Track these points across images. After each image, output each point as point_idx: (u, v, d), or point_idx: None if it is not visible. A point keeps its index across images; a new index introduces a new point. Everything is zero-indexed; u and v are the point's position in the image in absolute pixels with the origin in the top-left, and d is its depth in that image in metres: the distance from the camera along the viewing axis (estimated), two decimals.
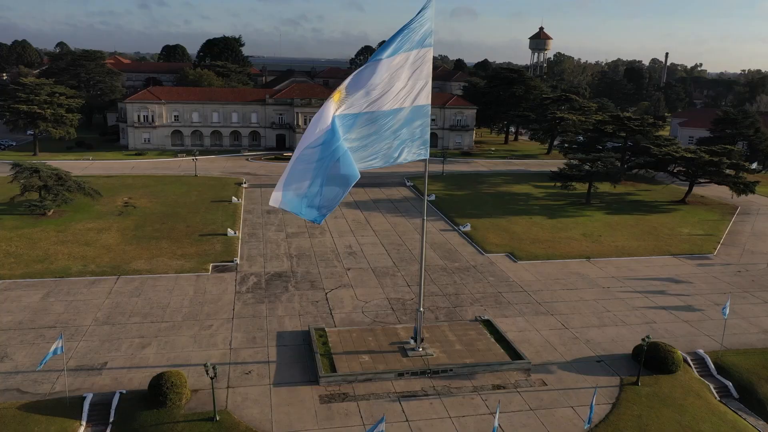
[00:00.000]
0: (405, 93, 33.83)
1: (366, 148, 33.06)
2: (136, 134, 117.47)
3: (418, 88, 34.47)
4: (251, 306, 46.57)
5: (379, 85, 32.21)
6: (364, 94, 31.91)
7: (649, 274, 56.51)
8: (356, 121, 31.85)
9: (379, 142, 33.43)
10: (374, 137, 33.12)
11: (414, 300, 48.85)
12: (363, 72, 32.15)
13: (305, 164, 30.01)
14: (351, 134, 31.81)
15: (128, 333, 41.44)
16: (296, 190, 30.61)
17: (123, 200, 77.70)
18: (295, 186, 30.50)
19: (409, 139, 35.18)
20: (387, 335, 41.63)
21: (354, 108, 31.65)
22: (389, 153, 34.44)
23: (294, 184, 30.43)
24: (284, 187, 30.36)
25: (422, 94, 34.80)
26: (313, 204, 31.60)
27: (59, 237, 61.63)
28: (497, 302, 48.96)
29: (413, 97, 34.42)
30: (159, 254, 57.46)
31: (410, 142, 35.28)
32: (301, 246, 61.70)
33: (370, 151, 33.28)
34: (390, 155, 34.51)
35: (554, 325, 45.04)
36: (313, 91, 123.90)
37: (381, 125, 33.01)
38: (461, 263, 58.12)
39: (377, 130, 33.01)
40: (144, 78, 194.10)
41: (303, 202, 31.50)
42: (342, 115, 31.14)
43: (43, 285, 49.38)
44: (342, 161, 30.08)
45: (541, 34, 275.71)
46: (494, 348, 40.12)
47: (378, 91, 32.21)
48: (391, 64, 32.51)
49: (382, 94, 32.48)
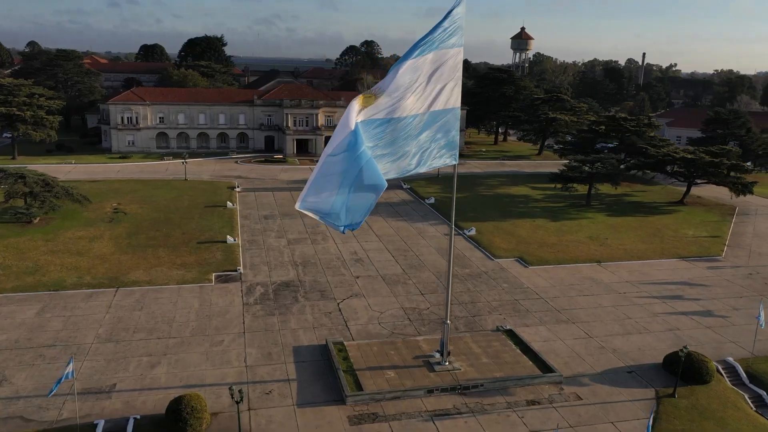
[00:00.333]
0: (433, 96, 32.10)
1: (392, 155, 31.13)
2: (119, 137, 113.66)
3: (448, 91, 32.78)
4: (262, 319, 44.35)
5: (405, 88, 30.39)
6: (389, 98, 30.11)
7: (663, 278, 55.65)
8: (381, 127, 29.96)
9: (405, 147, 31.57)
10: (401, 143, 31.26)
11: (430, 309, 47.16)
12: (390, 74, 30.36)
13: (328, 175, 28.07)
14: (375, 141, 29.90)
15: (135, 351, 38.94)
16: (321, 201, 28.73)
17: (112, 206, 74.55)
18: (319, 196, 28.61)
19: (438, 143, 33.48)
20: (409, 348, 39.82)
21: (379, 113, 29.77)
22: (418, 159, 32.69)
23: (319, 194, 28.53)
24: (309, 196, 28.47)
25: (452, 97, 33.13)
26: (339, 216, 29.76)
27: (49, 246, 58.51)
28: (515, 310, 47.50)
29: (443, 100, 32.73)
30: (157, 264, 54.79)
31: (440, 147, 33.59)
32: (305, 253, 59.52)
33: (396, 157, 31.40)
34: (419, 161, 32.77)
35: (577, 333, 43.72)
36: (302, 91, 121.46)
37: (407, 130, 31.17)
38: (472, 269, 56.58)
39: (403, 135, 31.14)
40: (122, 78, 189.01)
41: (330, 213, 29.68)
42: (367, 120, 29.24)
43: (36, 299, 46.48)
44: (366, 170, 28.06)
45: (522, 34, 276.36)
46: (522, 360, 38.59)
47: (402, 94, 30.36)
48: (416, 66, 30.69)
49: (408, 98, 30.66)
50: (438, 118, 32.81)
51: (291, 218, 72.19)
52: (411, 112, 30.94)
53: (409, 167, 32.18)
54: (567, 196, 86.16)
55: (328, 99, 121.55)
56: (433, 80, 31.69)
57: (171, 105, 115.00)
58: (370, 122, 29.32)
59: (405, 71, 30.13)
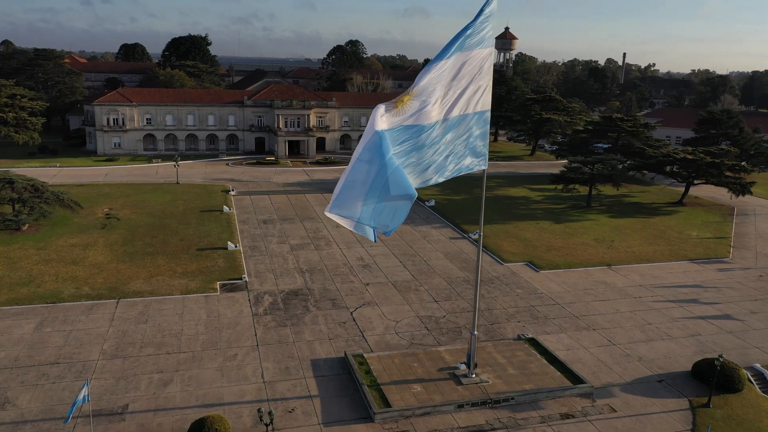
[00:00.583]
0: (460, 99, 30.69)
1: (417, 164, 29.54)
2: (105, 138, 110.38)
3: (479, 93, 31.39)
4: (274, 330, 42.52)
5: (431, 93, 28.92)
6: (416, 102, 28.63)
7: (675, 281, 54.99)
8: (406, 134, 28.39)
9: (431, 156, 30.04)
10: (426, 151, 29.71)
11: (446, 317, 45.76)
12: (418, 77, 28.88)
13: (357, 181, 26.57)
14: (401, 148, 28.35)
15: (144, 367, 36.87)
16: (351, 208, 27.27)
17: (103, 211, 71.90)
18: (348, 203, 27.14)
19: (468, 148, 32.09)
20: (432, 360, 38.37)
21: (406, 119, 28.24)
22: (448, 165, 31.25)
23: (348, 200, 27.08)
24: (339, 202, 27.03)
25: (482, 99, 31.73)
26: (369, 224, 28.33)
27: (41, 255, 55.88)
28: (533, 317, 46.33)
29: (474, 103, 31.33)
30: (157, 272, 52.57)
31: (470, 152, 32.21)
32: (310, 259, 57.72)
33: (425, 165, 29.86)
34: (448, 167, 31.34)
35: (600, 341, 42.67)
36: (293, 92, 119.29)
37: (433, 138, 29.68)
38: (483, 274, 55.28)
39: (429, 143, 29.64)
40: (103, 78, 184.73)
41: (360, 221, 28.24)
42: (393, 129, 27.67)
43: (33, 312, 44.05)
44: (393, 180, 26.45)
45: (507, 34, 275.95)
46: (549, 371, 37.38)
47: (428, 99, 28.88)
48: (444, 68, 29.21)
49: (434, 103, 29.18)
50: (465, 122, 31.41)
51: (290, 222, 70.28)
52: (437, 119, 29.48)
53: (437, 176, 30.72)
54: (567, 197, 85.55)
55: (319, 99, 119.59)
56: (462, 83, 30.26)
57: (158, 106, 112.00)
58: (396, 130, 27.81)
59: (433, 74, 28.72)
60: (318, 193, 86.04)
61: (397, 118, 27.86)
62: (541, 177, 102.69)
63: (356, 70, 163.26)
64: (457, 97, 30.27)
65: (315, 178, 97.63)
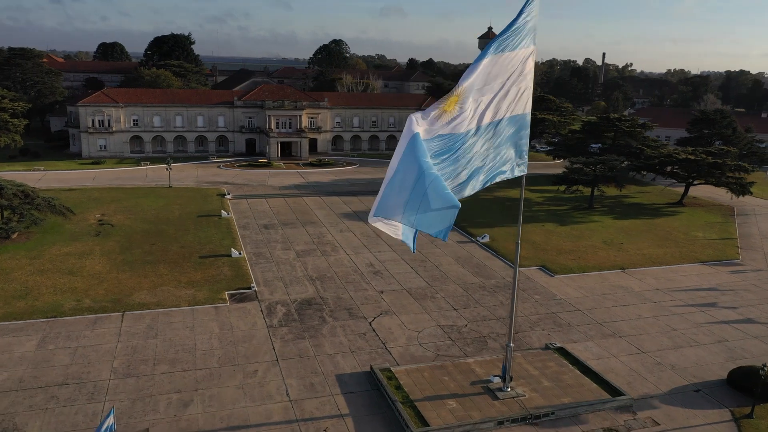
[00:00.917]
0: (505, 102, 29.19)
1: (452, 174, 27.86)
2: (90, 141, 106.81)
3: (521, 95, 29.91)
4: (292, 343, 40.57)
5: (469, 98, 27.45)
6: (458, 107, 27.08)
7: (691, 285, 54.31)
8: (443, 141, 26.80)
9: (474, 160, 28.45)
10: (468, 156, 28.14)
11: (468, 326, 44.27)
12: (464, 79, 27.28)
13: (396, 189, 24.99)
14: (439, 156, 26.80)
15: (160, 387, 34.68)
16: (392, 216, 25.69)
17: (96, 217, 69.02)
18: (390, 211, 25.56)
19: (509, 153, 30.61)
20: (462, 373, 36.83)
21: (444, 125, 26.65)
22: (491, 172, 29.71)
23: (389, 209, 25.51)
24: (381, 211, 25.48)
25: (524, 101, 30.28)
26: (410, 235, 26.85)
27: (35, 265, 53.06)
28: (556, 324, 45.09)
29: (516, 105, 29.84)
30: (161, 282, 50.19)
31: (511, 156, 30.72)
32: (318, 266, 55.79)
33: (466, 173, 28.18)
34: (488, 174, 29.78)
35: (628, 349, 41.57)
36: (284, 92, 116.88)
37: (473, 142, 28.15)
38: (497, 280, 54.00)
39: (470, 147, 28.09)
40: (83, 78, 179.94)
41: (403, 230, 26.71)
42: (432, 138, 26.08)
43: (33, 328, 41.46)
44: (432, 192, 24.58)
45: (490, 33, 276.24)
46: (585, 382, 36.10)
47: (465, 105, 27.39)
48: (486, 69, 27.68)
49: (471, 109, 27.69)
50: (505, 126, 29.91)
51: (292, 227, 68.20)
52: (475, 125, 27.94)
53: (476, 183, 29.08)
54: (568, 198, 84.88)
55: (311, 100, 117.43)
56: (503, 85, 28.75)
57: (146, 107, 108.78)
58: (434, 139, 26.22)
59: (474, 77, 27.17)
60: (316, 196, 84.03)
61: (436, 124, 26.28)
62: (538, 178, 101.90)
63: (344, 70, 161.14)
64: (498, 101, 28.75)
65: (311, 180, 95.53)
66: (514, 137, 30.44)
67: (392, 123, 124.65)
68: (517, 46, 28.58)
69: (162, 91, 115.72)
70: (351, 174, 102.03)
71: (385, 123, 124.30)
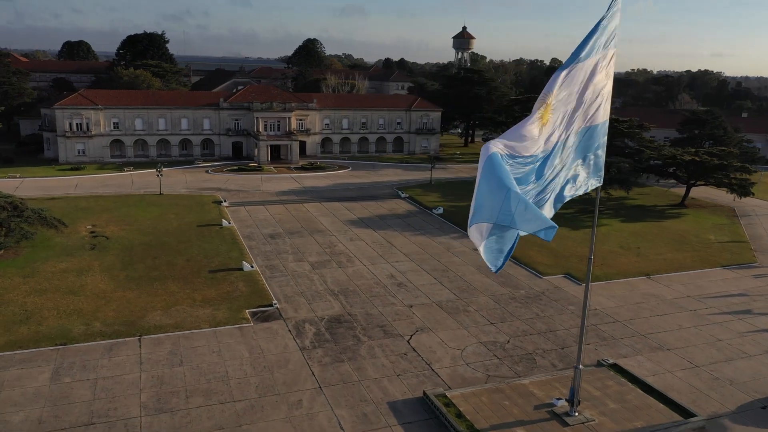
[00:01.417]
0: (588, 111, 27.08)
1: (543, 191, 25.59)
2: (68, 145, 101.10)
3: (600, 101, 27.77)
4: (332, 368, 37.67)
5: (561, 105, 25.32)
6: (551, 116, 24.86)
7: (720, 291, 53.34)
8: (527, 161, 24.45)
9: (556, 177, 26.17)
10: (551, 174, 25.91)
11: (511, 342, 42.08)
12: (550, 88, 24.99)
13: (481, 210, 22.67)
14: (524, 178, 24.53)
15: (198, 423, 31.40)
16: (481, 233, 23.41)
17: (87, 229, 64.57)
18: (479, 227, 23.26)
19: (588, 165, 28.50)
20: (521, 395, 34.58)
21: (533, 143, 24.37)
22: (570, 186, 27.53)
23: (479, 226, 23.20)
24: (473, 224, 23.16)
25: (603, 108, 28.15)
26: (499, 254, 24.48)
27: (31, 284, 48.78)
28: (600, 338, 43.28)
29: (595, 114, 27.71)
30: (174, 301, 46.58)
31: (590, 169, 28.62)
32: (338, 279, 52.88)
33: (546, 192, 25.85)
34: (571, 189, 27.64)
35: (680, 363, 39.98)
36: (272, 94, 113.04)
37: (557, 157, 25.97)
38: (526, 290, 52.03)
39: (553, 163, 25.84)
40: (50, 79, 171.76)
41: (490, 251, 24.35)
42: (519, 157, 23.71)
43: (43, 358, 37.54)
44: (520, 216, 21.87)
45: (464, 33, 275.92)
46: (651, 403, 34.25)
47: (560, 111, 25.28)
48: (572, 77, 25.50)
49: (564, 117, 25.58)
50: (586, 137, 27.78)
51: (300, 237, 65.03)
52: (557, 138, 25.67)
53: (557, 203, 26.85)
54: (572, 201, 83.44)
55: (300, 101, 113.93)
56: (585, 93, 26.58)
57: (127, 109, 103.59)
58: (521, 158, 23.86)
59: (562, 86, 24.97)
60: (316, 203, 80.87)
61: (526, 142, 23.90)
62: None
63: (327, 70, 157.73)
64: (581, 110, 26.59)
65: (307, 185, 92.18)
66: (593, 148, 28.35)
67: (382, 124, 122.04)
68: (599, 49, 26.47)
69: (144, 92, 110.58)
70: (346, 178, 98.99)
71: (374, 125, 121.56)
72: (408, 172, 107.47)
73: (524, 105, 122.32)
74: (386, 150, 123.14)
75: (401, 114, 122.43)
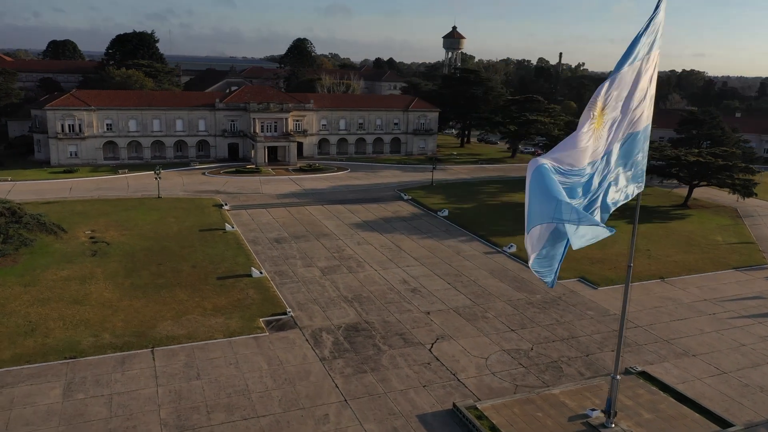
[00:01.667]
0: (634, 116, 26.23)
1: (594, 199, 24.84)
2: (60, 147, 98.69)
3: (644, 106, 26.91)
4: (355, 379, 36.46)
5: (613, 110, 24.57)
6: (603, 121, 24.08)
7: (734, 293, 52.92)
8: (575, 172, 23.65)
9: (602, 187, 25.31)
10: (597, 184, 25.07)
11: (534, 350, 41.14)
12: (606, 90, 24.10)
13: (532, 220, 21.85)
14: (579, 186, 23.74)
15: None
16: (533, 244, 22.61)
17: (86, 234, 62.64)
18: (533, 243, 22.43)
19: (632, 171, 27.58)
20: (554, 407, 33.63)
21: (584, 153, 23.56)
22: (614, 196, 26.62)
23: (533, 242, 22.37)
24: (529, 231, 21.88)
25: (647, 113, 27.29)
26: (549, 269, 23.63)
27: (32, 294, 46.96)
28: (624, 344, 41.95)
29: (640, 119, 26.84)
30: (184, 310, 45.05)
31: (634, 175, 27.70)
32: (350, 285, 51.65)
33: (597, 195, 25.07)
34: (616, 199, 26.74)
35: (707, 369, 39.31)
36: (268, 94, 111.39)
37: (604, 166, 25.15)
38: (542, 294, 51.19)
39: (602, 173, 25.06)
40: (36, 79, 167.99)
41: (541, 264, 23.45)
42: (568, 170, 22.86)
43: (52, 372, 35.90)
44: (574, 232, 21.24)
45: (454, 33, 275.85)
46: (686, 412, 33.48)
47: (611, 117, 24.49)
48: (621, 81, 24.69)
49: (615, 121, 24.84)
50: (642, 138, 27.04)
51: (306, 241, 63.65)
52: (606, 148, 24.86)
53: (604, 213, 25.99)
54: None
55: (296, 102, 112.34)
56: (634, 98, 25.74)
57: (120, 110, 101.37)
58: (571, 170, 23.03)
59: (613, 89, 24.12)
60: (318, 205, 79.50)
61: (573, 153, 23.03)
62: None
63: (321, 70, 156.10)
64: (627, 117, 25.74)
65: (307, 187, 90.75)
66: (634, 153, 27.45)
67: (379, 125, 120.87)
68: (647, 51, 25.61)
69: (137, 92, 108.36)
70: (346, 180, 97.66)
71: (372, 125, 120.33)
72: (407, 173, 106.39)
73: (522, 105, 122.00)
74: (383, 151, 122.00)
75: (398, 114, 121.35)
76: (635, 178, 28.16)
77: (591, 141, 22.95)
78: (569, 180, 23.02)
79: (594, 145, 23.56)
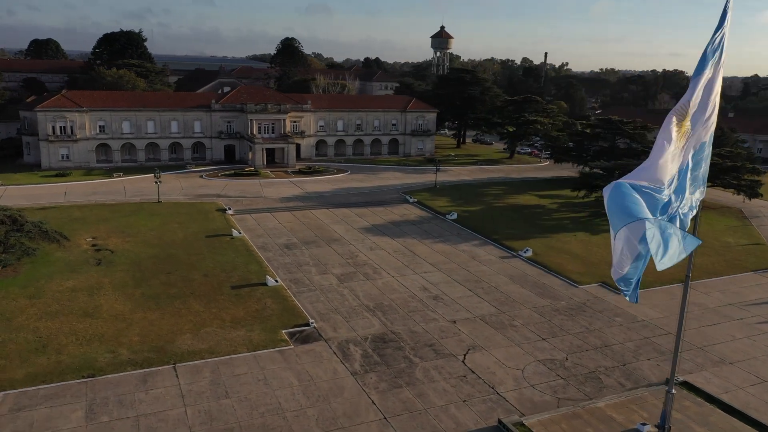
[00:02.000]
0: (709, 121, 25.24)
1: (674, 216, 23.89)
2: (51, 150, 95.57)
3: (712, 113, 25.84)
4: (391, 394, 34.92)
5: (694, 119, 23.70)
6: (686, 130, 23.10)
7: (757, 297, 52.36)
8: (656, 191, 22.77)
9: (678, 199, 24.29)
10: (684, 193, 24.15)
11: (570, 360, 39.95)
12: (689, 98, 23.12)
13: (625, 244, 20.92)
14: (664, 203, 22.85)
15: None
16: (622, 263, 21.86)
17: (87, 241, 60.24)
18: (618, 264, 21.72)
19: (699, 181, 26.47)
20: (602, 421, 32.42)
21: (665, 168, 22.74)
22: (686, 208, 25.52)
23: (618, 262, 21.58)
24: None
25: (712, 119, 26.19)
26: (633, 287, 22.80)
27: (39, 306, 44.66)
28: (658, 352, 41.49)
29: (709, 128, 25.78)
30: (202, 323, 43.12)
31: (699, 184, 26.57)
32: (369, 293, 50.07)
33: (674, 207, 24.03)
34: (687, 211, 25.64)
35: (747, 378, 38.46)
36: (265, 95, 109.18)
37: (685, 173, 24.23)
38: (566, 301, 50.09)
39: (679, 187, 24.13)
40: (20, 79, 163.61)
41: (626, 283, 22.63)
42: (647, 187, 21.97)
43: (71, 393, 33.83)
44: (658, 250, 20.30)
45: (442, 33, 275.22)
46: (738, 426, 32.43)
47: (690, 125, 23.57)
48: (700, 83, 23.80)
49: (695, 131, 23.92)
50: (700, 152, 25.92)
51: (317, 247, 61.90)
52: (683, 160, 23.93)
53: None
54: (582, 204, 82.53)
55: (294, 102, 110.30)
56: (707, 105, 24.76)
57: (113, 111, 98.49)
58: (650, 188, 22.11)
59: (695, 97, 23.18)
60: (324, 209, 77.73)
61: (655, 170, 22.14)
62: (539, 182, 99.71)
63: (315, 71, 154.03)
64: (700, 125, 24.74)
65: (309, 190, 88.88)
66: (702, 161, 26.36)
67: (377, 126, 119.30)
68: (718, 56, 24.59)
69: (130, 93, 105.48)
70: (347, 182, 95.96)
71: (369, 126, 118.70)
72: (408, 174, 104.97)
73: (519, 105, 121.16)
74: (381, 152, 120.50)
75: (396, 115, 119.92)
76: (698, 184, 27.07)
77: (674, 152, 21.85)
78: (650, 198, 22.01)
79: (673, 159, 22.53)
